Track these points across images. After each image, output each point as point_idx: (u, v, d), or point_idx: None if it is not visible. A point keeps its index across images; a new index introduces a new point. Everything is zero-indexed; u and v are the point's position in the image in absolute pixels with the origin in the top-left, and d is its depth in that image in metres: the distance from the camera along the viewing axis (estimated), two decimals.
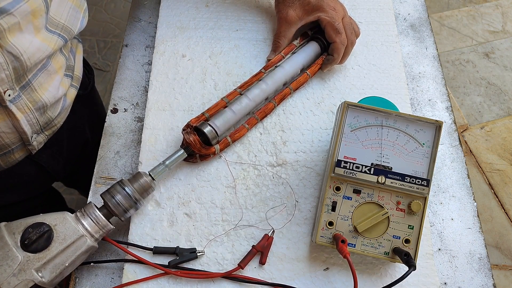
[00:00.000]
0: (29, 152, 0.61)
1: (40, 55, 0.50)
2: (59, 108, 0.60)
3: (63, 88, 0.59)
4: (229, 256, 0.55)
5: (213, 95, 0.65)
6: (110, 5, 1.92)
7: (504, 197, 1.53)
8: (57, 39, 0.53)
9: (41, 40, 0.50)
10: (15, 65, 0.47)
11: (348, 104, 0.52)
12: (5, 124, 0.52)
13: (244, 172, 0.60)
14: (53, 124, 0.61)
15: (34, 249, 0.47)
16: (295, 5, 0.65)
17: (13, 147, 0.56)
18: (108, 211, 0.52)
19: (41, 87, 0.54)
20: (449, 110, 0.68)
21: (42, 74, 0.53)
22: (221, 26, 0.71)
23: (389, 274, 0.55)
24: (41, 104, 0.55)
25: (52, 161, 0.68)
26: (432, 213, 0.60)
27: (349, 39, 0.64)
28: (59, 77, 0.57)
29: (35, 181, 0.71)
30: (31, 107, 0.54)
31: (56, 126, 0.63)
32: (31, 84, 0.52)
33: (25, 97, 0.52)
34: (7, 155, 0.58)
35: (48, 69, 0.54)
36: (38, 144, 0.60)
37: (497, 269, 1.41)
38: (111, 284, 0.54)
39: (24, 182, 0.68)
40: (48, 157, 0.67)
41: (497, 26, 1.92)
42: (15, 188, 0.68)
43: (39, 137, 0.60)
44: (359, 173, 0.52)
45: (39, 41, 0.49)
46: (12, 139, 0.55)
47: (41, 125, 0.58)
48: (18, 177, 0.65)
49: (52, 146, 0.66)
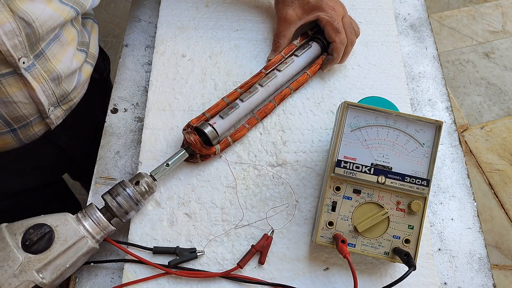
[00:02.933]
0: (48, 127, 0.62)
1: (52, 23, 0.51)
2: (75, 82, 0.62)
3: (77, 61, 0.60)
4: (229, 256, 0.55)
5: (213, 95, 0.65)
6: (110, 5, 1.92)
7: (504, 197, 1.53)
8: (70, 10, 0.54)
9: (54, 9, 0.51)
10: (27, 32, 0.49)
11: (348, 104, 0.52)
12: (21, 93, 0.53)
13: (244, 172, 0.60)
14: (69, 98, 0.63)
15: (35, 250, 0.47)
16: (294, 4, 0.65)
17: (31, 119, 0.58)
18: (109, 212, 0.52)
19: (54, 57, 0.55)
20: (449, 110, 0.68)
21: (55, 44, 0.55)
22: (221, 26, 0.71)
23: (389, 274, 0.55)
24: (56, 75, 0.56)
25: (70, 143, 0.70)
26: (432, 213, 0.60)
27: (349, 39, 0.64)
28: (72, 49, 0.58)
29: (53, 165, 0.73)
30: (46, 77, 0.55)
31: (72, 101, 0.64)
32: (44, 53, 0.53)
33: (40, 66, 0.53)
34: (26, 128, 0.59)
35: (61, 40, 0.55)
36: (56, 119, 0.62)
37: (497, 269, 1.41)
38: (111, 284, 0.54)
39: (43, 165, 0.70)
40: (67, 139, 0.69)
41: (497, 26, 1.92)
42: (35, 170, 0.70)
43: (56, 110, 0.61)
44: (359, 173, 0.52)
45: (51, 10, 0.51)
46: (30, 110, 0.56)
47: (57, 97, 0.59)
48: (38, 158, 0.67)
49: (70, 128, 0.67)
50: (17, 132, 0.58)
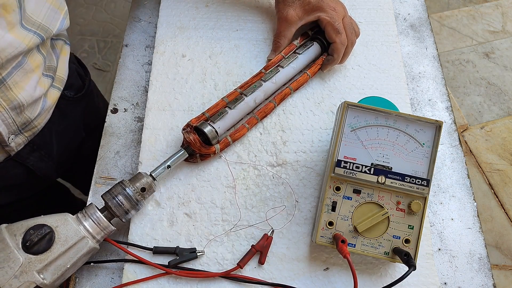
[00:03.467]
0: (8, 154, 0.59)
1: (12, 50, 0.49)
2: (39, 109, 0.59)
3: (41, 88, 0.57)
4: (229, 256, 0.55)
5: (213, 95, 0.65)
6: (110, 5, 1.92)
7: (504, 197, 1.53)
8: (32, 37, 0.52)
9: (15, 36, 0.49)
10: None
11: (348, 104, 0.52)
12: None
13: (244, 172, 0.60)
14: (32, 125, 0.59)
15: (35, 251, 0.47)
16: (295, 4, 0.65)
17: None
18: (109, 212, 0.52)
19: (16, 85, 0.52)
20: (449, 110, 0.68)
21: (17, 73, 0.52)
22: (221, 26, 0.71)
23: (389, 274, 0.55)
24: (17, 104, 0.53)
25: (41, 164, 0.67)
26: (432, 213, 0.60)
27: (349, 39, 0.64)
28: (36, 77, 0.55)
29: (25, 184, 0.69)
30: (5, 106, 0.52)
31: (36, 128, 0.61)
32: (5, 82, 0.51)
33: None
34: None
35: (24, 68, 0.53)
36: (16, 146, 0.59)
37: (497, 269, 1.41)
38: (111, 284, 0.54)
39: (13, 184, 0.67)
40: (37, 160, 0.65)
41: (497, 26, 1.92)
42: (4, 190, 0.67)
43: (17, 138, 0.58)
44: (359, 173, 0.52)
45: (11, 37, 0.48)
46: None
47: (18, 126, 0.56)
48: (5, 179, 0.64)
49: (40, 149, 0.64)
50: None
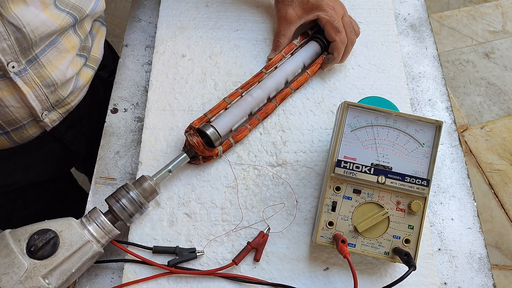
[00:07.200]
0: (43, 129, 0.62)
1: (45, 29, 0.51)
2: (71, 87, 0.61)
3: (73, 68, 0.59)
4: (229, 256, 0.55)
5: (213, 95, 0.65)
6: (110, 5, 1.92)
7: (504, 197, 1.53)
8: (65, 16, 0.53)
9: (48, 16, 0.50)
10: (17, 36, 0.48)
11: (348, 104, 0.52)
12: (13, 98, 0.53)
13: (244, 172, 0.60)
14: (65, 102, 0.62)
15: (40, 256, 0.46)
16: (294, 4, 0.65)
17: (24, 122, 0.57)
18: (113, 216, 0.52)
19: (50, 64, 0.54)
20: (449, 110, 0.68)
21: (51, 51, 0.54)
22: (221, 26, 0.71)
23: (389, 274, 0.55)
24: (50, 81, 0.56)
25: (75, 140, 0.70)
26: (432, 213, 0.60)
27: (349, 38, 0.64)
28: (70, 57, 0.58)
29: (58, 160, 0.73)
30: (38, 82, 0.54)
31: (70, 105, 0.63)
32: (38, 59, 0.53)
33: (32, 71, 0.53)
34: (20, 130, 0.59)
35: (58, 47, 0.55)
36: (51, 122, 0.62)
37: (497, 269, 1.41)
38: (111, 284, 0.54)
39: (47, 160, 0.70)
40: (72, 136, 0.69)
41: (497, 26, 1.92)
42: (39, 165, 0.70)
43: (51, 114, 0.61)
44: (359, 173, 0.52)
45: (45, 16, 0.50)
46: (22, 113, 0.56)
47: (51, 102, 0.59)
48: (43, 153, 0.67)
49: (75, 126, 0.68)
50: (10, 134, 0.58)
